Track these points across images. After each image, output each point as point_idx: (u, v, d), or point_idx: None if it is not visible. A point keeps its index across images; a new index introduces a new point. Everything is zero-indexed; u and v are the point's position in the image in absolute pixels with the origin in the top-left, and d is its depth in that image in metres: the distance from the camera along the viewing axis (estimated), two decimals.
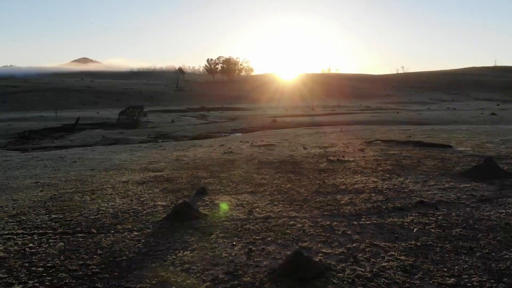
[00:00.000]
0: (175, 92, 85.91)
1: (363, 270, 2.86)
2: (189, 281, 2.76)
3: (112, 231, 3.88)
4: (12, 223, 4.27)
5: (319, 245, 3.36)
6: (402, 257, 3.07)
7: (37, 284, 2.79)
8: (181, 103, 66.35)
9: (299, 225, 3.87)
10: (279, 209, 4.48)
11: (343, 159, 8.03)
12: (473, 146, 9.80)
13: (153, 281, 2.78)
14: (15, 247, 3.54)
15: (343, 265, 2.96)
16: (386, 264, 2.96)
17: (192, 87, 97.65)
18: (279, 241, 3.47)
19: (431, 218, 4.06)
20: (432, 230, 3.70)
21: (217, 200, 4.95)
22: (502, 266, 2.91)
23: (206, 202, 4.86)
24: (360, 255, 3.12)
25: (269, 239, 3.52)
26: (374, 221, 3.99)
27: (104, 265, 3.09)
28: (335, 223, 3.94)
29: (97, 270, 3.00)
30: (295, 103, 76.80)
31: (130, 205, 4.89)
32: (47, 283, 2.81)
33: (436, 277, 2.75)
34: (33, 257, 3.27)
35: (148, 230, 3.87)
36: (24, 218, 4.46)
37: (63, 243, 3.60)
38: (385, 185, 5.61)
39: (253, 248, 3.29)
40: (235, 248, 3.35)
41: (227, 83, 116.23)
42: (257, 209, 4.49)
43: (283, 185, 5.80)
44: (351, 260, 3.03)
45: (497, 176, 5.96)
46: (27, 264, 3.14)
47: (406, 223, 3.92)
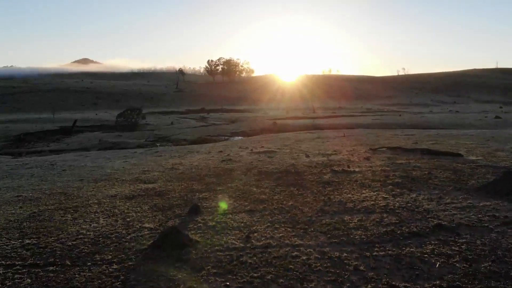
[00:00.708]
0: (175, 93, 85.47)
1: None
2: None
3: (89, 263, 3.39)
4: None
5: (328, 287, 2.86)
6: None
7: None
8: (181, 104, 65.94)
9: (304, 257, 3.36)
10: (281, 234, 3.98)
11: (349, 169, 7.53)
12: (484, 154, 9.30)
13: None
14: None
15: None
16: None
17: (192, 88, 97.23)
18: (281, 280, 2.97)
19: (453, 248, 3.56)
20: (457, 265, 3.20)
21: (211, 222, 4.46)
22: None
23: (199, 224, 4.36)
24: None
25: (269, 277, 3.02)
26: (390, 252, 3.49)
27: None
28: (345, 254, 3.44)
29: None
30: (295, 104, 76.37)
31: (114, 227, 4.39)
32: None
33: None
34: None
35: (130, 263, 3.37)
36: None
37: (30, 280, 3.11)
38: (397, 203, 5.11)
39: None
40: None
41: (227, 84, 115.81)
42: (255, 234, 3.99)
43: (284, 202, 5.30)
44: None
45: None
46: None
47: (426, 255, 3.42)
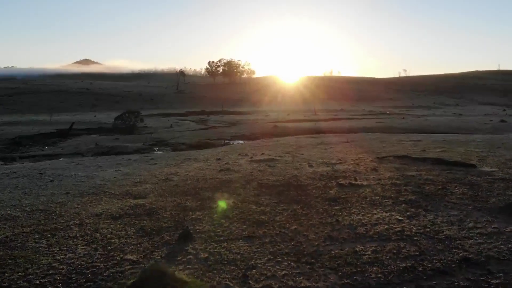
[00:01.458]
0: (175, 94, 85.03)
1: None
2: None
3: None
4: None
5: None
6: None
7: None
8: (181, 106, 65.42)
9: None
10: (284, 272, 3.43)
11: (356, 182, 6.97)
12: (499, 165, 8.73)
13: None
14: None
15: None
16: None
17: (193, 89, 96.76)
18: None
19: None
20: None
21: (203, 253, 3.90)
22: None
23: (189, 257, 3.81)
24: None
25: None
26: None
27: None
28: None
29: None
30: (297, 106, 75.91)
31: (92, 258, 3.84)
32: None
33: None
34: None
35: None
36: None
37: None
38: (414, 227, 4.55)
39: None
40: None
41: (228, 85, 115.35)
42: (254, 272, 3.44)
43: (287, 225, 4.74)
44: None
45: None
46: None
47: None
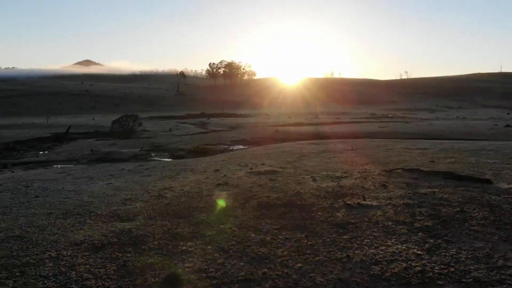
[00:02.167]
0: (175, 96, 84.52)
1: None
2: None
3: None
4: None
5: None
6: None
7: None
8: (181, 108, 64.82)
9: None
10: None
11: (365, 202, 6.38)
12: None
13: None
14: None
15: None
16: None
17: (193, 91, 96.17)
18: None
19: None
20: None
21: None
22: None
23: None
24: None
25: None
26: None
27: None
28: None
29: None
30: (298, 108, 75.40)
31: None
32: None
33: None
34: None
35: None
36: None
37: None
38: (436, 266, 3.96)
39: None
40: None
41: (229, 87, 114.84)
42: None
43: (290, 262, 4.15)
44: None
45: None
46: None
47: None
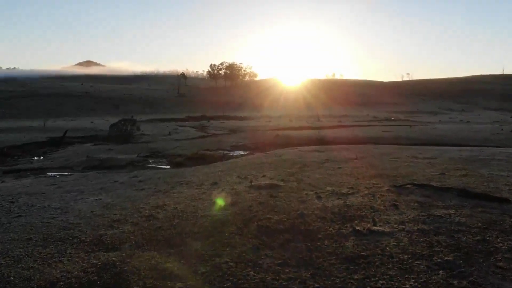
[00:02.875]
0: (176, 98, 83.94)
1: None
2: None
3: None
4: None
5: None
6: None
7: None
8: (181, 110, 64.26)
9: None
10: None
11: (376, 228, 5.80)
12: None
13: None
14: None
15: None
16: None
17: (194, 93, 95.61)
18: None
19: None
20: None
21: None
22: None
23: None
24: None
25: None
26: None
27: None
28: None
29: None
30: (299, 110, 74.89)
31: None
32: None
33: None
34: None
35: None
36: None
37: None
38: None
39: None
40: None
41: (229, 88, 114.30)
42: None
43: None
44: None
45: None
46: None
47: None
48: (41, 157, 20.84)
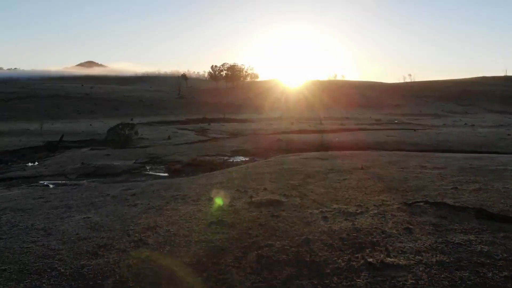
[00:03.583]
0: (176, 100, 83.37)
1: None
2: None
3: None
4: None
5: None
6: None
7: None
8: (182, 112, 63.69)
9: None
10: None
11: (390, 260, 5.17)
12: None
13: None
14: None
15: None
16: None
17: (195, 94, 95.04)
18: None
19: None
20: None
21: None
22: None
23: None
24: None
25: None
26: None
27: None
28: None
29: None
30: (301, 112, 74.30)
31: None
32: None
33: None
34: None
35: None
36: None
37: None
38: None
39: None
40: None
41: (231, 90, 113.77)
42: None
43: None
44: None
45: None
46: None
47: None
48: (36, 163, 20.27)
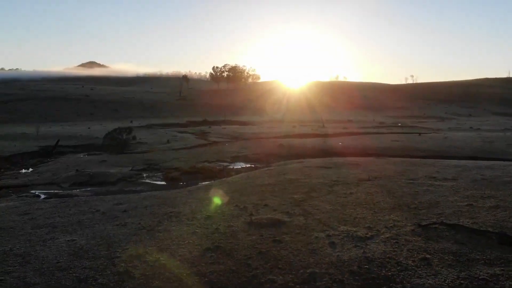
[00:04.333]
0: (177, 102, 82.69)
1: None
2: None
3: None
4: None
5: None
6: None
7: None
8: (182, 114, 63.05)
9: None
10: None
11: None
12: None
13: None
14: None
15: None
16: None
17: (196, 96, 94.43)
18: None
19: None
20: None
21: None
22: None
23: None
24: None
25: None
26: None
27: None
28: None
29: None
30: (303, 115, 73.56)
31: None
32: None
33: None
34: None
35: None
36: None
37: None
38: None
39: None
40: None
41: (232, 91, 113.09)
42: None
43: None
44: None
45: None
46: None
47: None
48: (30, 170, 19.63)
